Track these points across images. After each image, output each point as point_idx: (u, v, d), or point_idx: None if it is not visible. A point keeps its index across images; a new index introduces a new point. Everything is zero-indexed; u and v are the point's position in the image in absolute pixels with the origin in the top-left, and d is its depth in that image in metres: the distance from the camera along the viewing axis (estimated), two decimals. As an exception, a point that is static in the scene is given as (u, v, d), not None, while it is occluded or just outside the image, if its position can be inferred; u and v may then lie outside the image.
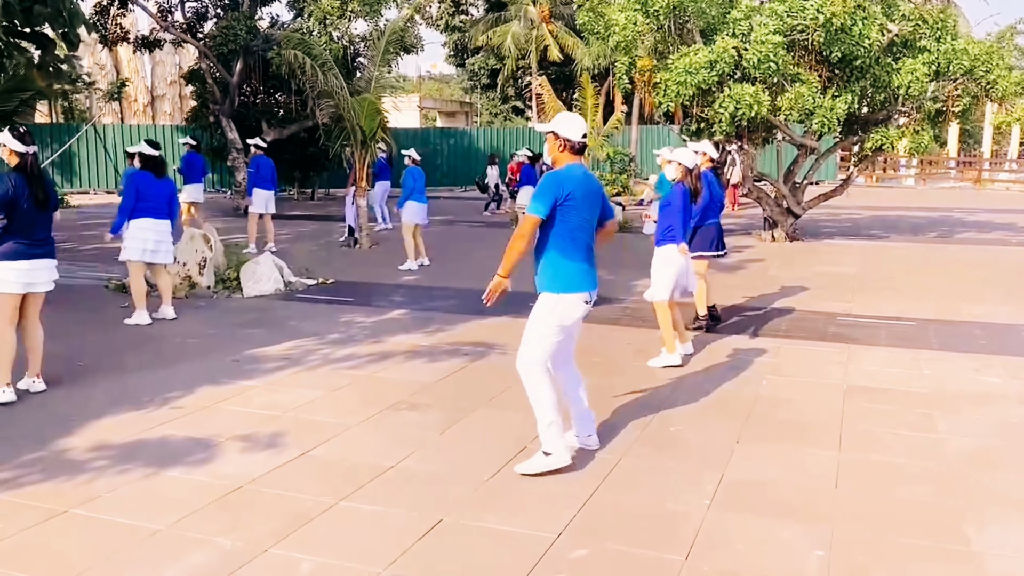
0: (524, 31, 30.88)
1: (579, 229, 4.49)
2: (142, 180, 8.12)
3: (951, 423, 5.34)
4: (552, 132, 4.52)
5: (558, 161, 4.55)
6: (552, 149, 4.55)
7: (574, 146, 4.51)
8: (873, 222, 19.21)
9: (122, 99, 45.06)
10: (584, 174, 4.52)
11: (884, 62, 13.36)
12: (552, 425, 4.53)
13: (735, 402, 5.76)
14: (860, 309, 9.01)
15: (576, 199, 4.42)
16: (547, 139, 4.58)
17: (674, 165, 6.92)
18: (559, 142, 4.51)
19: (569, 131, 4.49)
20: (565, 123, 4.52)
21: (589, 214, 4.54)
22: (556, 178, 4.43)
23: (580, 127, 4.52)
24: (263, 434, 5.05)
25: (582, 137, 4.52)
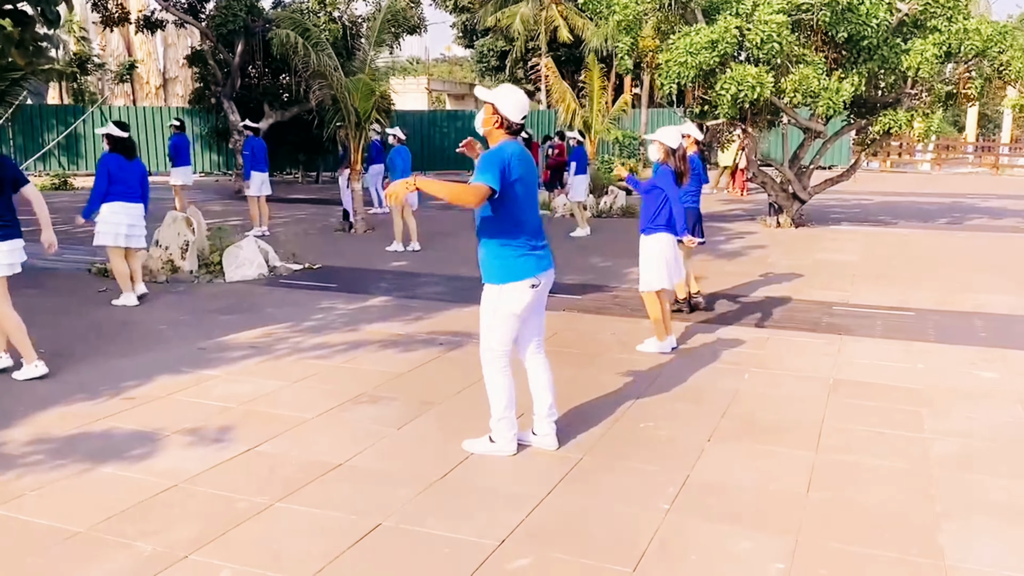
0: (533, 12, 30.41)
1: (519, 211, 4.24)
2: (113, 163, 7.91)
3: (939, 422, 5.06)
4: (491, 103, 4.20)
5: (491, 137, 4.25)
6: (487, 122, 4.22)
7: (511, 126, 4.21)
8: (883, 208, 18.80)
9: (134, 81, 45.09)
10: (521, 152, 4.22)
11: (893, 43, 12.94)
12: (504, 419, 4.43)
13: (713, 397, 5.49)
14: (858, 298, 8.70)
15: (516, 179, 4.16)
16: (484, 109, 4.25)
17: (655, 145, 6.59)
18: (496, 117, 4.19)
19: (508, 108, 4.18)
20: (507, 98, 4.19)
21: (530, 193, 4.30)
22: (498, 154, 4.12)
23: (521, 106, 4.21)
24: (212, 428, 4.83)
25: (521, 118, 4.22)
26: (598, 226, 14.95)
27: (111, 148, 8.00)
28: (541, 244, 4.37)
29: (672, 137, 6.60)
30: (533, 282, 4.30)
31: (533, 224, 4.32)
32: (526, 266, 4.27)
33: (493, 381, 4.43)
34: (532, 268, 4.29)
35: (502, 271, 4.26)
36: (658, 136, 6.58)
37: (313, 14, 17.61)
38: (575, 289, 9.09)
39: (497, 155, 4.11)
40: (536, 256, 4.33)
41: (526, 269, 4.27)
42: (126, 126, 8.15)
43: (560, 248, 12.33)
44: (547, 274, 4.40)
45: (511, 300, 4.27)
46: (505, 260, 4.25)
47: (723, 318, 7.77)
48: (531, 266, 4.29)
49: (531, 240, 4.30)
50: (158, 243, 9.70)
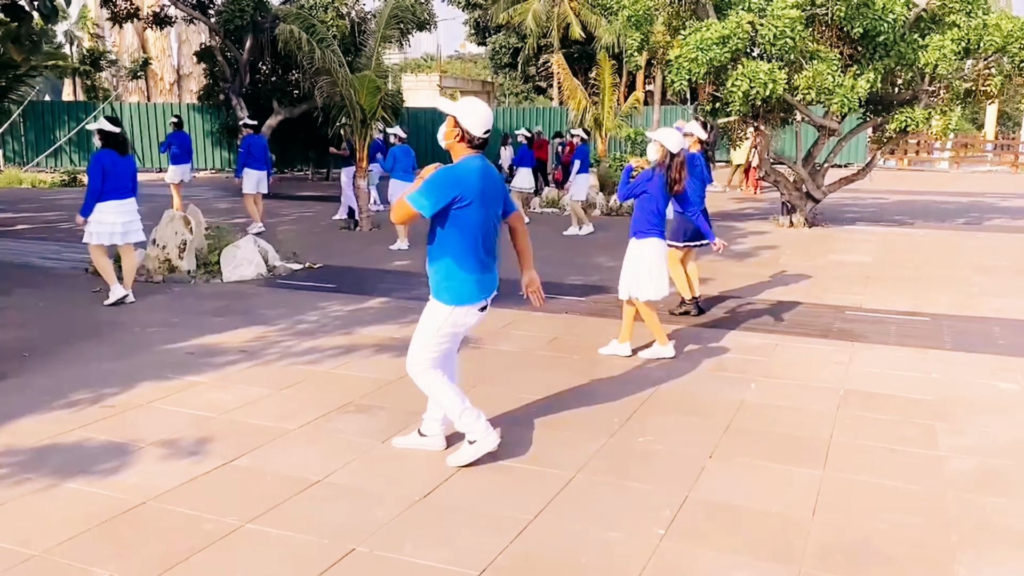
0: (545, 8, 30.15)
1: (477, 232, 4.03)
2: (107, 159, 7.74)
3: (955, 437, 4.79)
4: (452, 116, 3.98)
5: (453, 151, 4.05)
6: (449, 135, 4.02)
7: (472, 140, 4.00)
8: (900, 207, 18.43)
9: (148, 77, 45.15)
10: (483, 169, 4.00)
11: (910, 38, 12.59)
12: (465, 412, 4.27)
13: (716, 408, 5.24)
14: (871, 302, 8.41)
15: (473, 200, 3.95)
16: (446, 122, 4.03)
17: (655, 145, 6.24)
18: (457, 131, 3.99)
19: (470, 122, 3.97)
20: (468, 112, 3.98)
21: (489, 214, 4.08)
22: (453, 175, 3.93)
23: (484, 120, 3.99)
24: (189, 439, 4.62)
25: (484, 133, 4.00)
26: (607, 224, 14.69)
27: (103, 144, 7.84)
28: (493, 264, 4.22)
29: (674, 140, 6.23)
30: (483, 305, 4.19)
31: (489, 244, 4.14)
32: (478, 289, 4.12)
33: (433, 387, 4.28)
34: (483, 291, 4.16)
35: (454, 293, 4.09)
36: (659, 136, 6.26)
37: (321, 10, 17.40)
38: (577, 291, 8.85)
39: (448, 177, 3.92)
40: (488, 278, 4.18)
41: (477, 293, 4.12)
42: (118, 121, 7.98)
43: (566, 247, 12.09)
44: (491, 297, 4.27)
45: (457, 322, 4.15)
46: (458, 282, 4.07)
47: (730, 322, 7.50)
48: (482, 288, 4.15)
49: (486, 259, 4.12)
50: (155, 242, 9.52)
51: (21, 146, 27.24)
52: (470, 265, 4.05)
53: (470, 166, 3.97)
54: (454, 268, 4.04)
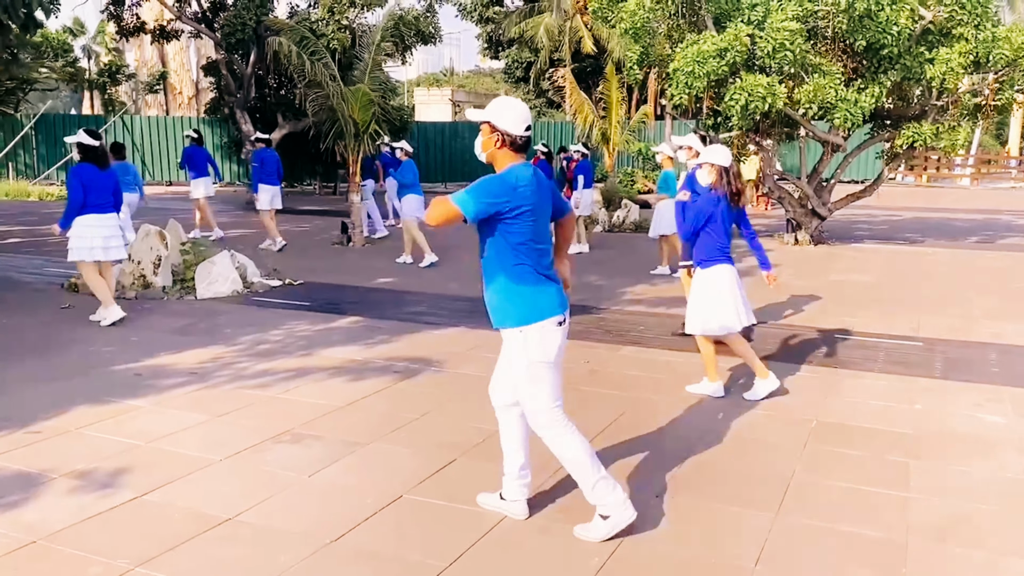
0: (557, 22, 29.96)
1: (532, 242, 3.57)
2: (87, 174, 7.52)
3: (928, 477, 4.43)
4: (487, 123, 3.57)
5: (496, 160, 3.60)
6: (487, 144, 3.59)
7: (515, 141, 3.56)
8: (912, 224, 17.98)
9: (167, 91, 45.47)
10: (532, 175, 3.56)
11: (916, 52, 12.23)
12: (600, 483, 3.68)
13: (674, 440, 4.91)
14: (865, 325, 8.03)
15: (527, 209, 3.51)
16: (481, 131, 3.64)
17: (706, 168, 5.73)
18: (496, 136, 3.55)
19: (508, 121, 3.54)
20: (503, 111, 3.56)
21: (543, 221, 3.66)
22: (503, 183, 3.49)
23: (522, 117, 3.56)
24: (105, 470, 4.36)
25: (525, 130, 3.57)
26: (607, 241, 14.39)
27: (82, 157, 7.61)
28: (554, 276, 3.72)
29: (723, 155, 5.68)
30: (560, 319, 3.64)
31: (548, 255, 3.69)
32: (550, 301, 3.62)
33: (565, 446, 3.67)
34: (556, 304, 3.64)
35: (523, 310, 3.58)
36: (709, 157, 5.71)
37: (322, 23, 17.28)
38: (560, 311, 8.53)
39: (500, 184, 3.49)
40: (556, 292, 3.67)
41: (550, 305, 3.61)
42: (97, 134, 7.77)
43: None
44: (567, 312, 3.73)
45: (540, 344, 3.59)
46: (524, 297, 3.58)
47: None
48: (555, 301, 3.64)
49: (547, 271, 3.66)
50: (131, 258, 9.33)
51: (33, 159, 27.37)
52: (530, 277, 3.58)
53: (520, 174, 3.52)
54: (513, 285, 3.57)
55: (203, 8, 20.58)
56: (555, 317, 3.60)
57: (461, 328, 7.75)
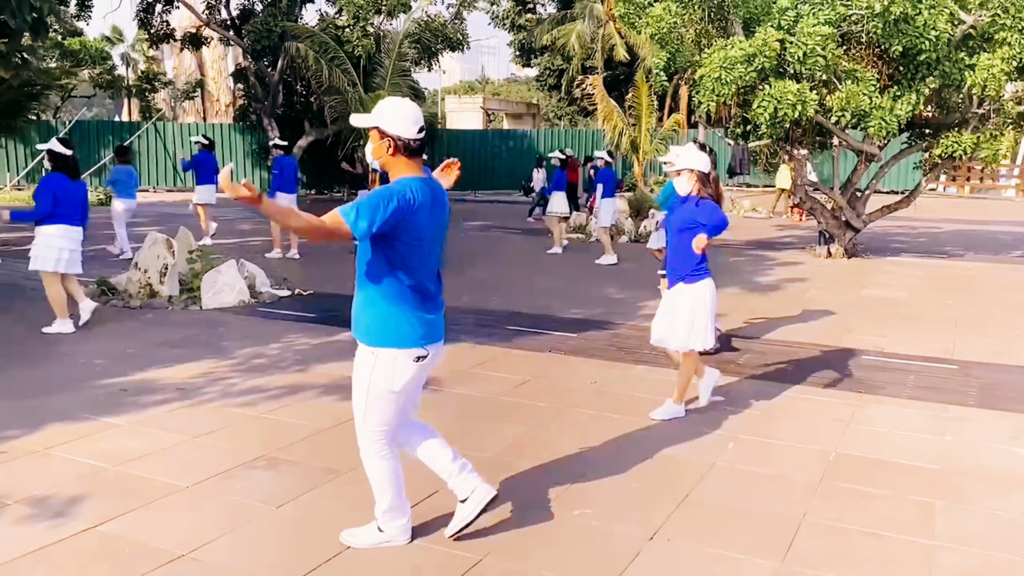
0: (590, 29, 29.59)
1: (415, 262, 3.35)
2: (58, 184, 7.33)
3: (954, 520, 4.01)
4: (375, 128, 3.33)
5: (391, 168, 3.36)
6: (379, 151, 3.34)
7: (408, 145, 3.31)
8: (953, 237, 17.32)
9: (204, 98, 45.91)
10: (426, 187, 3.33)
11: (956, 57, 11.69)
12: (391, 511, 3.62)
13: (678, 474, 4.53)
14: (895, 345, 7.57)
15: (415, 226, 3.28)
16: (370, 137, 3.38)
17: (685, 175, 5.30)
18: (386, 141, 3.30)
19: (397, 125, 3.30)
20: (390, 114, 3.32)
21: (432, 241, 3.41)
22: (392, 196, 3.21)
23: (412, 118, 3.32)
24: (63, 496, 4.10)
25: (418, 132, 3.33)
26: (632, 252, 13.98)
27: (53, 167, 7.43)
28: (437, 307, 3.52)
29: (702, 161, 5.29)
30: (420, 353, 3.42)
31: (430, 280, 3.46)
32: (416, 331, 3.40)
33: (374, 467, 3.59)
34: (422, 335, 3.42)
35: (380, 330, 3.37)
36: (685, 161, 5.29)
37: (347, 29, 17.11)
38: (573, 325, 8.18)
39: (387, 195, 3.20)
40: (432, 323, 3.47)
41: (414, 335, 3.39)
42: (70, 143, 7.60)
43: (579, 277, 11.41)
44: (437, 347, 3.53)
45: (390, 372, 3.39)
46: (390, 318, 3.36)
47: (726, 367, 6.75)
48: (422, 332, 3.42)
49: (425, 301, 3.43)
50: (137, 266, 9.17)
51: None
52: (405, 299, 3.36)
53: (408, 185, 3.27)
54: (383, 302, 3.35)
55: (231, 15, 20.57)
56: (415, 350, 3.40)
57: (467, 344, 7.43)
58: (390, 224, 3.20)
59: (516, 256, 13.72)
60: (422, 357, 3.42)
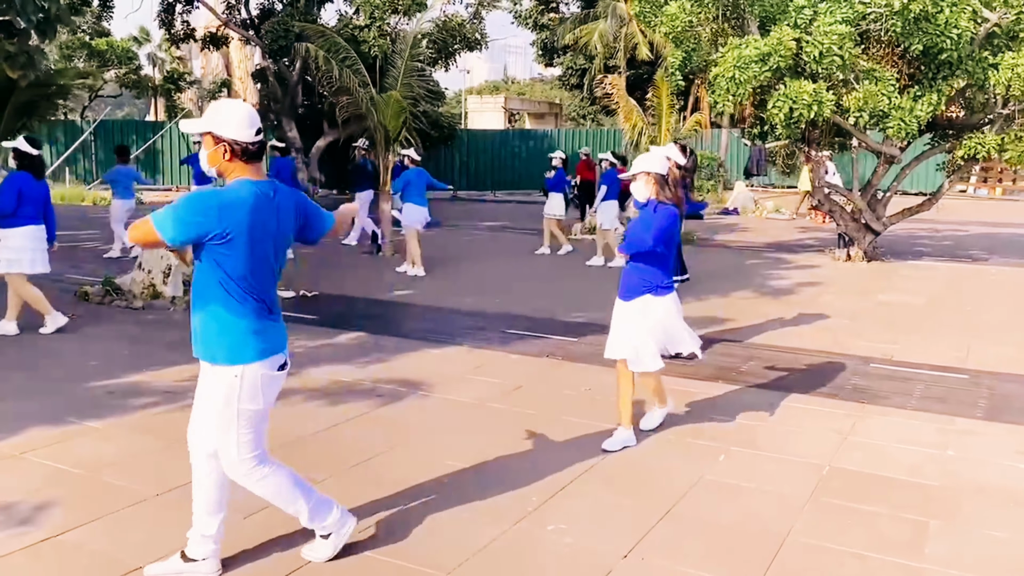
0: (613, 29, 29.35)
1: (250, 274, 3.15)
2: (24, 183, 7.27)
3: (949, 542, 3.82)
4: (208, 134, 3.13)
5: (227, 174, 3.17)
6: (213, 158, 3.14)
7: (246, 149, 3.12)
8: (978, 240, 16.92)
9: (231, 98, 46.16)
10: (257, 197, 3.11)
11: (979, 56, 11.37)
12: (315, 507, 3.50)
13: (664, 488, 4.38)
14: (906, 353, 7.34)
15: (240, 236, 3.07)
16: (204, 144, 3.18)
17: (641, 178, 4.93)
18: (221, 146, 3.11)
19: (232, 128, 3.10)
20: (222, 116, 3.12)
21: (268, 248, 3.19)
22: (205, 203, 3.04)
23: (247, 119, 3.13)
24: (31, 503, 4.04)
25: (256, 134, 3.14)
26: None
27: (19, 165, 7.37)
28: (278, 315, 3.33)
29: (659, 162, 4.96)
30: (282, 361, 3.30)
31: (270, 288, 3.27)
32: (271, 341, 3.23)
33: (270, 487, 3.38)
34: (274, 342, 3.25)
35: (238, 345, 3.16)
36: (643, 164, 4.93)
37: (364, 29, 17.08)
38: (574, 329, 8.03)
39: (204, 204, 3.03)
40: (276, 329, 3.29)
41: (271, 345, 3.23)
42: (38, 143, 7.55)
43: (584, 280, 11.23)
44: (287, 351, 3.38)
45: (257, 392, 3.21)
46: (239, 330, 3.16)
47: (728, 373, 6.58)
48: (273, 340, 3.25)
49: (268, 309, 3.24)
50: (141, 266, 9.16)
51: (92, 164, 27.91)
52: (246, 311, 3.15)
53: (238, 195, 3.09)
54: (226, 315, 3.15)
55: (251, 15, 20.64)
56: (277, 358, 3.27)
57: (464, 347, 7.32)
58: (207, 231, 3.02)
59: (525, 258, 13.58)
60: (284, 365, 3.30)
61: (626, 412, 4.99)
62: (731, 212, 22.59)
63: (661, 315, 4.91)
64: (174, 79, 37.40)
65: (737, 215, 22.28)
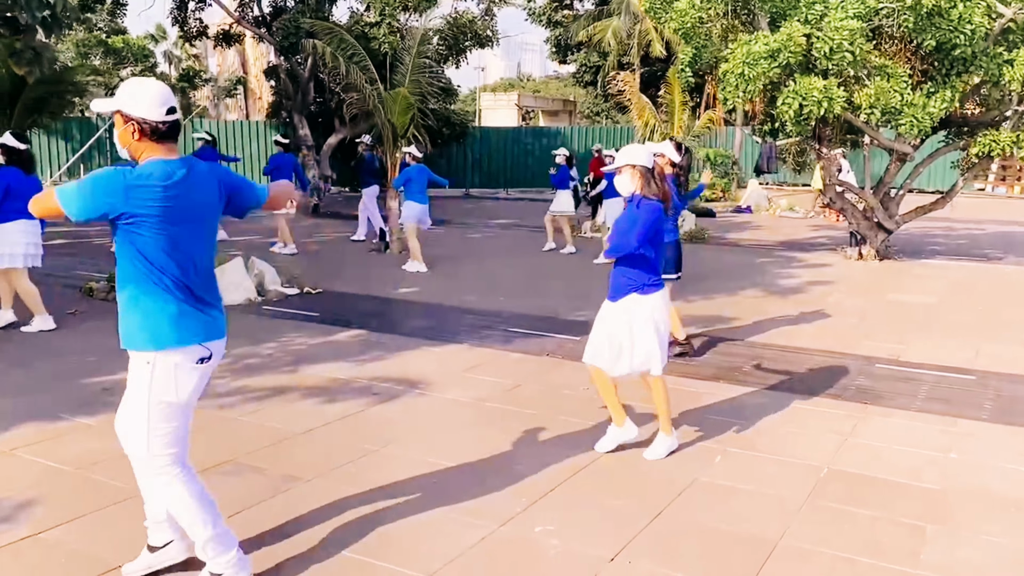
0: (626, 26, 29.23)
1: (174, 251, 3.00)
2: (13, 178, 7.26)
3: (945, 547, 3.73)
4: (118, 112, 2.98)
5: (139, 155, 3.01)
6: (124, 138, 3.00)
7: (156, 128, 2.96)
8: (994, 239, 16.68)
9: (247, 96, 46.42)
10: (167, 176, 2.95)
11: (993, 52, 11.20)
12: (213, 540, 3.20)
13: (657, 490, 4.30)
14: (913, 353, 7.22)
15: (153, 216, 2.93)
16: (115, 123, 3.03)
17: (627, 172, 4.74)
18: (130, 125, 2.97)
19: (141, 107, 2.95)
20: (133, 95, 2.97)
21: (191, 228, 3.05)
22: (111, 182, 2.89)
23: (159, 98, 2.97)
24: (16, 500, 4.02)
25: (167, 113, 2.97)
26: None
27: (7, 161, 7.35)
28: (210, 301, 3.17)
29: (644, 155, 4.73)
30: (202, 354, 3.11)
31: (197, 272, 3.10)
32: (193, 328, 3.07)
33: (174, 495, 3.17)
34: (199, 331, 3.09)
35: (151, 330, 3.01)
36: (625, 157, 4.72)
37: (373, 26, 17.05)
38: (576, 328, 7.94)
39: (112, 182, 2.88)
40: (206, 316, 3.13)
41: (188, 331, 3.05)
42: (24, 137, 7.55)
43: (592, 277, 11.14)
44: (218, 345, 3.18)
45: (171, 382, 3.06)
46: (154, 314, 3.01)
47: (730, 373, 6.49)
48: (199, 328, 3.09)
49: (195, 294, 3.09)
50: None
51: (107, 161, 28.03)
52: (168, 293, 3.01)
53: (147, 175, 2.93)
54: (145, 299, 3.01)
55: (263, 12, 20.66)
56: (196, 349, 3.07)
57: (464, 345, 7.27)
58: (113, 210, 2.89)
59: (533, 256, 13.50)
60: (205, 358, 3.12)
61: (616, 411, 4.86)
62: (744, 210, 22.42)
63: (648, 313, 4.77)
64: (188, 77, 37.58)
65: (750, 213, 22.11)
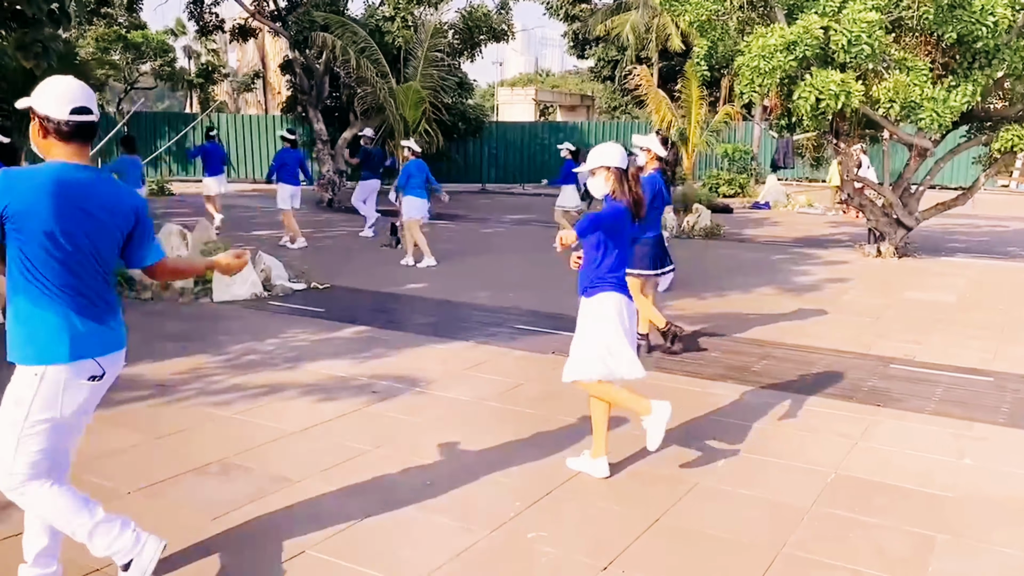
0: (644, 20, 28.98)
1: (66, 260, 2.83)
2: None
3: (955, 558, 3.57)
4: (30, 108, 2.87)
5: (47, 154, 2.89)
6: (32, 135, 2.89)
7: (59, 128, 2.83)
8: (1017, 237, 16.36)
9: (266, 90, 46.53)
10: (59, 179, 2.81)
11: (1016, 45, 10.93)
12: (98, 529, 3.03)
13: (656, 494, 4.17)
14: (928, 353, 7.03)
15: (31, 221, 2.76)
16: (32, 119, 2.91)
17: (601, 173, 4.40)
18: (36, 123, 2.86)
19: (47, 104, 2.83)
20: (42, 91, 2.86)
21: (84, 244, 2.86)
22: (4, 179, 2.78)
23: (66, 96, 2.84)
24: (2, 500, 3.93)
25: (72, 113, 2.83)
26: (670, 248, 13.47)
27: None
28: (109, 313, 2.99)
29: (618, 156, 4.39)
30: (94, 371, 2.92)
31: (94, 282, 2.93)
32: (79, 340, 2.87)
33: (42, 507, 2.97)
34: (90, 345, 2.90)
35: (41, 343, 2.84)
36: (600, 156, 4.40)
37: (387, 20, 16.93)
38: (585, 327, 7.81)
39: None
40: (99, 330, 2.94)
41: (80, 345, 2.87)
42: (8, 132, 7.49)
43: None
44: (114, 358, 3.01)
45: (55, 399, 2.86)
46: (43, 326, 2.84)
47: (737, 373, 6.33)
48: (89, 342, 2.90)
49: (90, 306, 2.91)
50: (152, 257, 9.10)
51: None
52: (54, 303, 2.84)
53: (34, 175, 2.80)
54: (31, 308, 2.84)
55: (279, 6, 20.61)
56: (87, 365, 2.89)
57: (469, 343, 7.15)
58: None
59: (545, 252, 13.30)
60: (96, 376, 2.93)
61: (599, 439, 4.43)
62: (762, 206, 22.15)
63: (580, 317, 4.55)
64: (207, 72, 37.69)
65: (768, 209, 21.85)
